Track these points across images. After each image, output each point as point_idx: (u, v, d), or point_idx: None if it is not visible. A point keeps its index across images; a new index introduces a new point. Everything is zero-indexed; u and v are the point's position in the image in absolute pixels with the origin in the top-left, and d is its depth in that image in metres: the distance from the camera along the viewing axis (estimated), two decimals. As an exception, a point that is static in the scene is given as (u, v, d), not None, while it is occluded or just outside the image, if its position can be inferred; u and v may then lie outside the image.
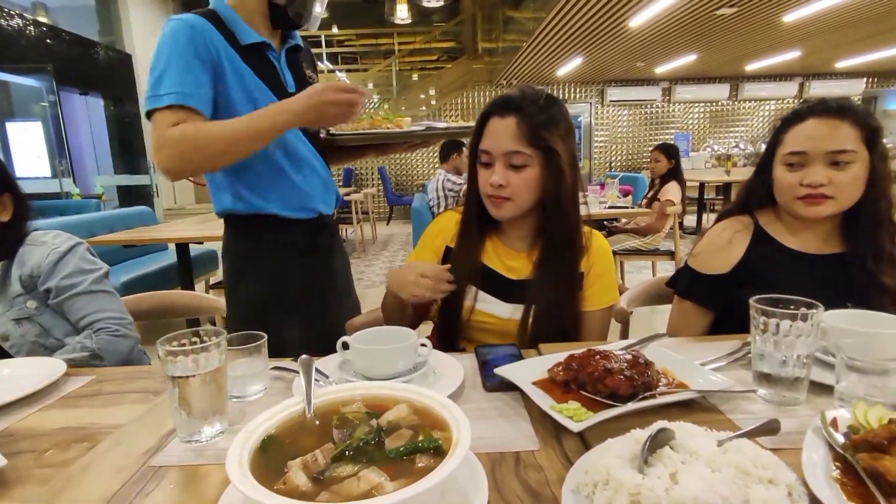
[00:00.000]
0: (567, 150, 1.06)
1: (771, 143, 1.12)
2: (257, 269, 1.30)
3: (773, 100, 9.63)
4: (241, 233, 1.30)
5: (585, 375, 0.73)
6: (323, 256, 1.37)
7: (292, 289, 1.30)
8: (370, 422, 0.56)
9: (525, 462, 0.62)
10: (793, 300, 0.75)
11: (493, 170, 1.06)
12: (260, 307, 1.29)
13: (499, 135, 1.05)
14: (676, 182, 3.88)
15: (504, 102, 1.06)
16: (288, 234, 1.29)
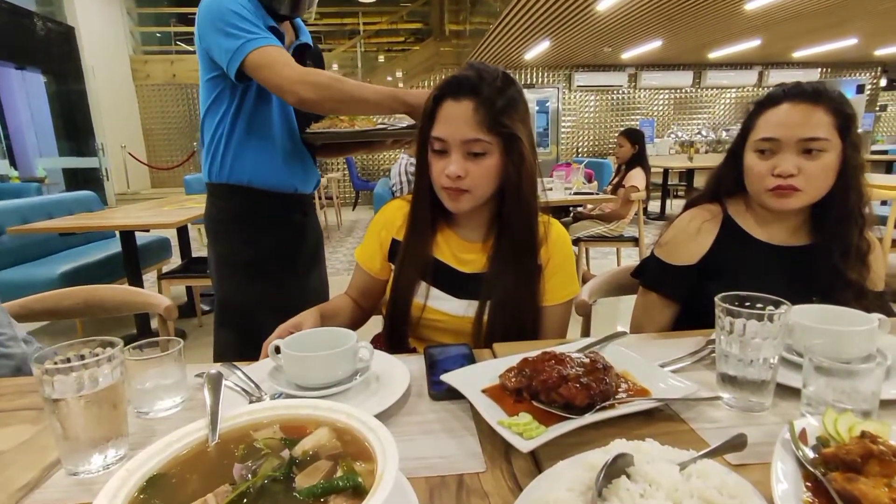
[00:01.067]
0: (527, 133, 0.97)
1: (743, 129, 1.07)
2: (231, 234, 1.46)
3: (735, 88, 9.82)
4: (220, 198, 1.45)
5: (539, 383, 0.66)
6: (293, 230, 1.51)
7: (258, 255, 1.45)
8: (282, 452, 0.47)
9: (469, 487, 0.55)
10: (760, 297, 0.70)
11: (449, 159, 0.96)
12: (232, 267, 1.46)
13: (455, 121, 0.95)
14: (641, 168, 3.88)
15: (459, 84, 0.95)
16: (262, 204, 1.43)
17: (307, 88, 1.21)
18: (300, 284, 1.52)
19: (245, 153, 1.40)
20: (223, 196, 1.44)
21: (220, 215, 1.46)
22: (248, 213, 1.44)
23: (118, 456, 0.60)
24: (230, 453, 0.49)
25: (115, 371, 0.59)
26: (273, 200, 1.44)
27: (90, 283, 2.98)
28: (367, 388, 0.75)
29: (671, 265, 1.11)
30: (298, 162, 1.48)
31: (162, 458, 0.47)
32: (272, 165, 1.43)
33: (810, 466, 0.50)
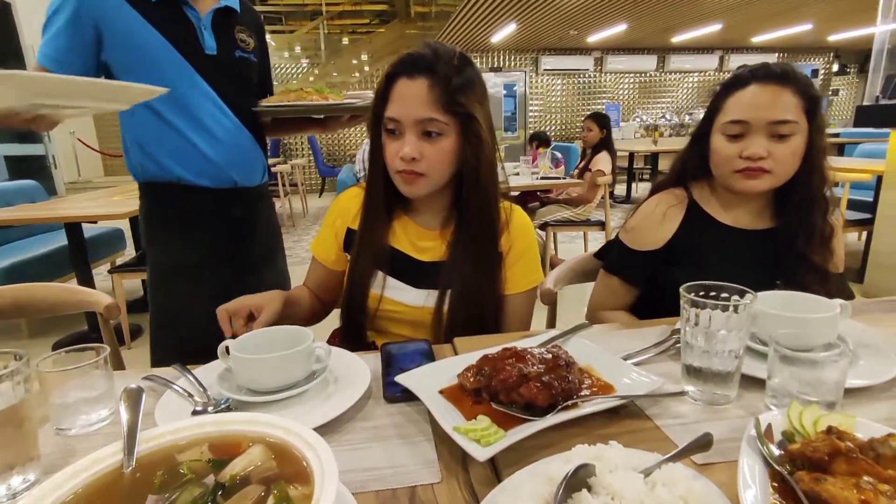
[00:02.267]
0: (485, 115, 0.93)
1: (709, 111, 1.04)
2: (166, 236, 1.33)
3: (697, 72, 9.99)
4: (152, 199, 1.32)
5: (498, 383, 0.62)
6: (235, 226, 1.35)
7: (200, 258, 1.31)
8: (206, 479, 0.42)
9: (422, 500, 0.50)
10: (724, 287, 0.68)
11: (403, 140, 0.90)
12: (167, 275, 1.33)
13: (409, 99, 0.89)
14: (607, 152, 3.89)
15: (413, 61, 0.90)
16: (197, 202, 1.29)
17: None
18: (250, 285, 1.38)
19: (165, 146, 1.25)
20: (153, 195, 1.31)
21: (152, 216, 1.33)
22: (182, 213, 1.29)
23: (27, 482, 0.53)
24: (147, 481, 0.43)
25: (19, 388, 0.52)
26: (208, 196, 1.29)
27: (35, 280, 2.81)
28: (324, 389, 0.70)
29: (635, 250, 1.09)
30: (235, 151, 1.32)
31: (64, 490, 0.41)
32: (199, 157, 1.27)
33: (777, 466, 0.48)
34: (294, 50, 9.44)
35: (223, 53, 1.28)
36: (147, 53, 1.18)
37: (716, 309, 0.63)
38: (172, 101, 1.21)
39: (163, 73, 1.18)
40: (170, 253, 1.32)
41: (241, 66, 1.32)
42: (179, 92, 1.21)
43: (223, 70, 1.28)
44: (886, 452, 0.47)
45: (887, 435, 0.48)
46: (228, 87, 1.29)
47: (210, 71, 1.25)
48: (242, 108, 1.32)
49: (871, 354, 0.73)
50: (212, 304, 1.30)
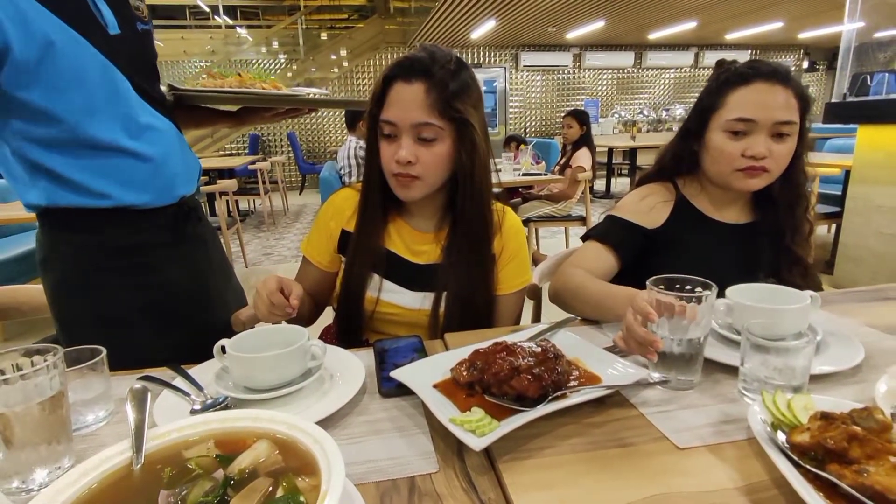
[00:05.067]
0: (480, 120, 0.94)
1: (706, 107, 1.02)
2: (101, 281, 0.94)
3: (673, 68, 10.16)
4: (67, 233, 0.93)
5: (490, 376, 0.65)
6: (192, 249, 1.06)
7: (152, 299, 0.98)
8: (215, 473, 0.44)
9: (421, 490, 0.53)
10: (689, 279, 0.72)
11: (399, 144, 0.92)
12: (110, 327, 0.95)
13: (405, 104, 0.90)
14: (587, 148, 3.95)
15: (410, 65, 0.91)
16: (141, 228, 0.96)
17: None
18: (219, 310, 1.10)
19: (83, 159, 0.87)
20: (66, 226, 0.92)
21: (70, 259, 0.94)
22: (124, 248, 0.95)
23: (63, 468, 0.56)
24: (157, 477, 0.44)
25: (55, 381, 0.55)
26: (156, 219, 0.97)
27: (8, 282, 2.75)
28: (319, 387, 0.72)
29: (625, 220, 1.07)
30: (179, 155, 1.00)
31: (78, 487, 0.42)
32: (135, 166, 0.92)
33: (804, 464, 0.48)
34: (272, 45, 9.31)
35: (126, 31, 0.91)
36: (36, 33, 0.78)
37: (680, 300, 0.67)
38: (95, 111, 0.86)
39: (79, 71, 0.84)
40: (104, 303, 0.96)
41: (146, 43, 0.98)
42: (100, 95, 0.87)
43: (131, 52, 0.92)
44: (872, 426, 0.50)
45: (863, 409, 0.51)
46: (140, 74, 0.94)
47: (119, 57, 0.88)
48: (157, 96, 0.99)
49: (839, 342, 0.78)
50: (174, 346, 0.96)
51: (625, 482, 0.52)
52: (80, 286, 0.95)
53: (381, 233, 1.01)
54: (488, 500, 0.51)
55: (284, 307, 0.81)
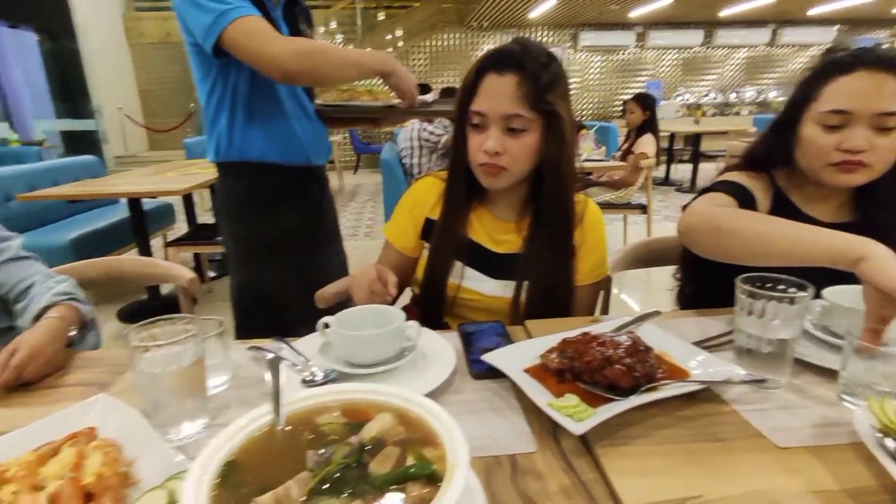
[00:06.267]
0: (568, 112, 0.95)
1: (800, 97, 0.96)
2: (247, 214, 1.40)
3: (745, 46, 9.55)
4: (233, 178, 1.38)
5: (583, 365, 0.67)
6: (311, 206, 1.45)
7: (280, 234, 1.39)
8: (350, 439, 0.49)
9: (522, 468, 0.56)
10: (782, 279, 0.71)
11: (488, 134, 0.94)
12: (251, 249, 1.41)
13: (496, 95, 0.92)
14: (651, 134, 3.82)
15: (502, 57, 0.93)
16: (279, 180, 1.37)
17: (292, 61, 1.15)
18: (320, 262, 1.48)
19: (254, 125, 1.33)
20: (235, 175, 1.38)
21: (234, 195, 1.40)
22: (264, 191, 1.37)
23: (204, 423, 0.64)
24: (298, 439, 0.50)
25: (199, 347, 0.62)
26: (288, 175, 1.37)
27: (99, 250, 3.00)
28: (413, 366, 0.76)
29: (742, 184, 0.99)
30: (309, 129, 1.41)
31: (233, 444, 0.48)
32: (283, 136, 1.36)
33: None
34: (329, 25, 9.45)
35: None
36: None
37: (771, 300, 0.67)
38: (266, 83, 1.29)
39: None
40: (250, 230, 1.39)
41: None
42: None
43: None
44: None
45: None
46: None
47: None
48: (308, 91, 1.43)
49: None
50: (291, 280, 1.41)
51: (723, 475, 0.53)
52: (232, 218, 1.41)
53: (464, 221, 1.04)
54: (588, 480, 0.54)
55: (383, 294, 0.86)
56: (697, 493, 0.50)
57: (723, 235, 0.85)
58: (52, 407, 0.70)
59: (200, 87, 1.34)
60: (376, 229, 5.02)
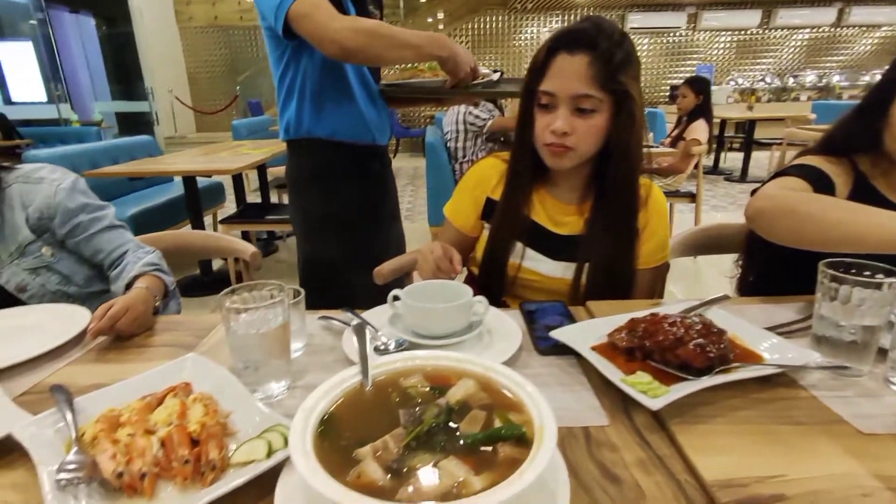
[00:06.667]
0: (639, 92, 0.94)
1: (891, 79, 0.92)
2: (314, 189, 1.46)
3: (808, 28, 9.00)
4: (301, 154, 1.45)
5: (654, 344, 0.68)
6: (374, 183, 1.51)
7: (345, 207, 1.45)
8: (438, 401, 0.51)
9: (596, 439, 0.58)
10: (868, 265, 0.69)
11: (556, 114, 0.93)
12: (316, 223, 1.49)
13: (567, 75, 0.91)
14: (704, 120, 3.69)
15: (574, 36, 0.91)
16: (344, 157, 1.42)
17: (351, 38, 1.16)
18: (382, 237, 1.53)
19: (323, 105, 1.38)
20: (304, 152, 1.44)
21: (302, 171, 1.47)
22: (331, 168, 1.43)
23: (287, 386, 0.68)
24: (386, 399, 0.53)
25: (285, 311, 0.66)
26: (353, 153, 1.42)
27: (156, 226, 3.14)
28: (480, 341, 0.78)
29: (819, 168, 0.95)
30: (374, 111, 1.46)
31: (327, 402, 0.51)
32: (350, 116, 1.41)
33: None
34: (371, 8, 9.44)
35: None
36: None
37: (856, 286, 0.65)
38: (336, 65, 1.35)
39: None
40: (315, 204, 1.46)
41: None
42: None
43: None
44: None
45: None
46: None
47: None
48: (374, 74, 1.44)
49: None
50: (352, 253, 1.46)
51: (805, 457, 0.53)
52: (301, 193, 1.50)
53: (526, 203, 1.05)
54: (664, 455, 0.55)
55: (449, 272, 0.89)
56: (780, 472, 0.50)
57: (797, 219, 0.83)
58: (146, 364, 0.75)
59: (274, 69, 1.40)
60: (416, 213, 5.06)
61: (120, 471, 0.48)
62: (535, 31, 8.95)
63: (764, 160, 7.16)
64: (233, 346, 0.65)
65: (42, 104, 7.22)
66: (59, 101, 7.08)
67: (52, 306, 0.96)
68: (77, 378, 0.73)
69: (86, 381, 0.71)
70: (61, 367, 0.76)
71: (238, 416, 0.59)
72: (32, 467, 0.51)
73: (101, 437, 0.53)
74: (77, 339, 0.83)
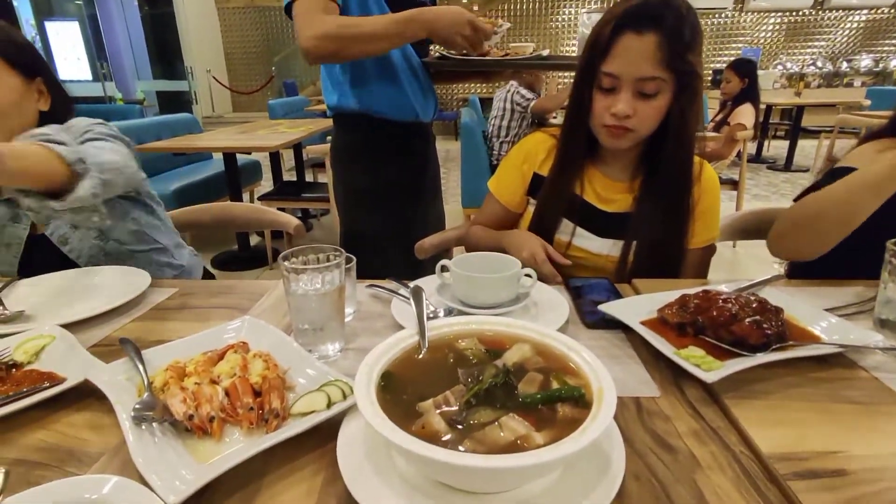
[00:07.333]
0: (702, 67, 0.91)
1: None
2: (356, 163, 1.47)
3: (866, 8, 8.48)
4: (345, 129, 1.46)
5: (707, 319, 0.67)
6: (415, 159, 1.50)
7: (385, 183, 1.45)
8: (496, 363, 0.52)
9: (648, 409, 0.58)
10: None
11: (618, 97, 0.90)
12: (357, 196, 1.49)
13: (634, 56, 0.87)
14: (751, 104, 3.55)
15: (641, 13, 0.86)
16: (386, 133, 1.41)
17: (321, 46, 1.12)
18: (421, 214, 1.53)
19: (366, 80, 1.38)
20: (347, 125, 1.45)
21: (345, 144, 1.47)
22: (372, 142, 1.43)
23: (341, 348, 0.70)
24: (443, 359, 0.54)
25: (341, 274, 0.67)
26: (396, 128, 1.42)
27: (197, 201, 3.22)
28: (527, 312, 0.79)
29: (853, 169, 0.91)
30: (418, 87, 1.44)
31: (388, 357, 0.52)
32: (393, 91, 1.40)
33: None
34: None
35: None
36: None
37: None
38: None
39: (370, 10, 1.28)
40: (357, 179, 1.47)
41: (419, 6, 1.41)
42: None
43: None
44: None
45: None
46: None
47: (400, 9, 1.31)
48: (421, 46, 1.43)
49: None
50: (391, 228, 1.47)
51: (866, 435, 0.52)
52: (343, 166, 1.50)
53: (576, 180, 1.03)
54: (718, 427, 0.54)
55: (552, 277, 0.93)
56: (841, 448, 0.50)
57: (813, 222, 0.86)
58: (203, 324, 0.79)
59: None
60: (448, 195, 5.06)
61: (190, 413, 0.51)
62: (572, 13, 8.72)
63: (811, 149, 6.85)
64: (291, 305, 0.67)
65: (88, 82, 7.47)
66: (104, 80, 7.31)
67: (116, 268, 1.00)
68: (140, 333, 0.76)
69: (149, 337, 0.75)
70: (125, 324, 0.80)
71: (295, 373, 0.62)
72: (107, 411, 0.55)
73: (172, 383, 0.56)
74: (139, 298, 0.87)
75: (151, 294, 0.90)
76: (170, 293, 0.91)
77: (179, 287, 0.94)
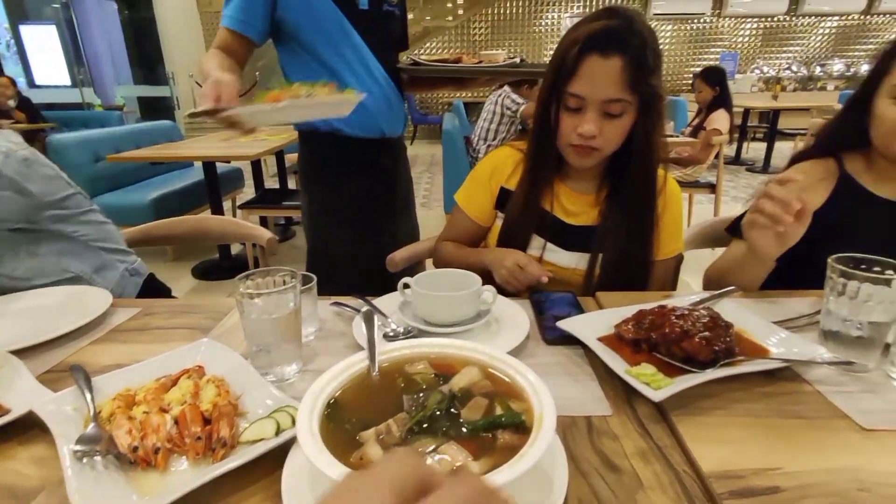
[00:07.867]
0: (664, 91, 0.93)
1: (874, 72, 0.94)
2: (321, 180, 1.46)
3: (837, 15, 8.69)
4: (310, 146, 1.46)
5: (660, 336, 0.68)
6: (382, 177, 1.49)
7: (351, 199, 1.45)
8: (441, 388, 0.52)
9: (598, 429, 0.58)
10: (877, 260, 0.68)
11: (584, 118, 0.92)
12: (322, 214, 1.49)
13: (599, 79, 0.88)
14: (724, 110, 3.61)
15: (607, 37, 0.87)
16: (350, 150, 1.41)
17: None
18: (389, 230, 1.52)
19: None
20: (312, 142, 1.45)
21: (309, 162, 1.47)
22: (338, 159, 1.42)
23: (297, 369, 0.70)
24: (392, 384, 0.54)
25: (296, 297, 0.67)
26: (361, 146, 1.41)
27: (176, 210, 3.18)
28: (488, 329, 0.79)
29: None
30: (384, 104, 1.42)
31: (335, 385, 0.53)
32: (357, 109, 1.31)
33: None
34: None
35: (373, 7, 1.37)
36: (312, 9, 1.28)
37: (865, 281, 0.64)
38: (337, 56, 1.32)
39: (326, 29, 1.30)
40: (323, 195, 1.46)
41: (387, 20, 1.42)
42: (340, 48, 1.32)
43: (373, 24, 1.36)
44: None
45: None
46: (376, 41, 1.38)
47: (363, 25, 1.34)
48: (388, 60, 1.42)
49: None
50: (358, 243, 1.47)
51: (805, 450, 0.53)
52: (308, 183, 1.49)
53: (545, 197, 1.04)
54: (664, 446, 0.55)
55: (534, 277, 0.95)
56: (777, 464, 0.51)
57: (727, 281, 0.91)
58: (163, 346, 0.78)
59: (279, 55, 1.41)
60: (432, 200, 5.06)
61: (135, 445, 0.51)
62: (555, 16, 8.80)
63: (788, 150, 6.99)
64: (246, 329, 0.67)
65: (65, 88, 7.35)
66: (82, 85, 7.20)
67: (75, 288, 0.99)
68: (96, 358, 0.76)
69: (105, 361, 0.74)
70: (82, 347, 0.79)
71: (249, 398, 0.61)
72: (51, 443, 0.54)
73: (118, 413, 0.55)
74: (97, 320, 0.86)
75: (112, 315, 0.89)
76: (132, 313, 0.90)
77: (143, 307, 0.93)
